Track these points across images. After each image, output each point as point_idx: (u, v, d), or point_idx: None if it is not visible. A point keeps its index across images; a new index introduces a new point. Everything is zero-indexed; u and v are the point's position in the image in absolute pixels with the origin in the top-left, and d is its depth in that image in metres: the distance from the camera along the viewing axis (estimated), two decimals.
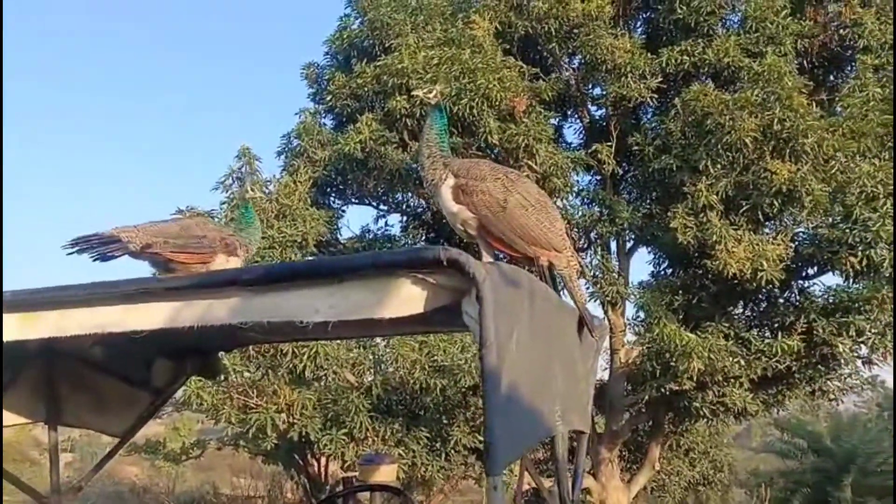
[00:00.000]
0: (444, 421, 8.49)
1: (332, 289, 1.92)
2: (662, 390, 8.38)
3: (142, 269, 2.67)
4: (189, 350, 3.23)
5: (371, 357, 8.92)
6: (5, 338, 2.17)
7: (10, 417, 2.80)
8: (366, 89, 8.75)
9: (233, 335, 3.12)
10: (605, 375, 9.37)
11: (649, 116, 9.50)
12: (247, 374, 8.17)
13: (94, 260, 2.35)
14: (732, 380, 8.03)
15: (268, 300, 1.97)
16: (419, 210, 10.02)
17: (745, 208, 7.68)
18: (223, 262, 2.56)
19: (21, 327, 2.18)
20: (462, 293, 1.84)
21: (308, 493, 11.51)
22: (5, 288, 2.22)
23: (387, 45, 8.73)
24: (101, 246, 2.34)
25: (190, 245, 2.49)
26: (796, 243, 7.90)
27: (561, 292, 2.92)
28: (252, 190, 3.31)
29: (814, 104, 7.81)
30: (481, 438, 8.38)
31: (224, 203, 8.72)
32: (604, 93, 9.11)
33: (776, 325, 8.33)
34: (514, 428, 1.82)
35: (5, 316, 2.17)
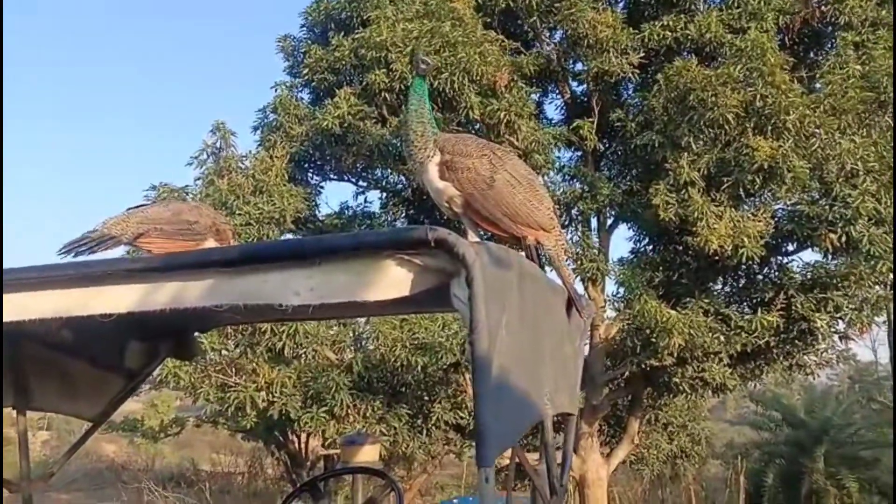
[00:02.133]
0: (426, 398, 8.48)
1: (313, 270, 1.82)
2: (642, 366, 8.43)
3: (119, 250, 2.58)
4: (163, 331, 3.13)
5: (351, 334, 8.86)
6: None
7: None
8: (344, 63, 8.55)
9: (209, 316, 3.02)
10: (587, 350, 9.40)
11: (631, 92, 9.42)
12: (225, 353, 8.08)
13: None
14: (712, 355, 8.09)
15: (244, 282, 1.87)
16: (399, 186, 9.90)
17: (726, 185, 7.66)
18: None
19: None
20: (450, 275, 1.76)
21: (289, 470, 11.49)
22: None
23: (365, 17, 8.51)
24: (96, 246, 2.31)
25: (181, 231, 2.43)
26: (776, 220, 7.92)
27: (547, 272, 2.86)
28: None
29: (795, 81, 7.78)
30: (462, 415, 8.39)
31: (199, 179, 8.54)
32: (585, 68, 9.00)
33: (755, 302, 8.40)
34: (505, 416, 1.76)
35: None
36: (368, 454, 4.07)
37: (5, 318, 2.02)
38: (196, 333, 3.60)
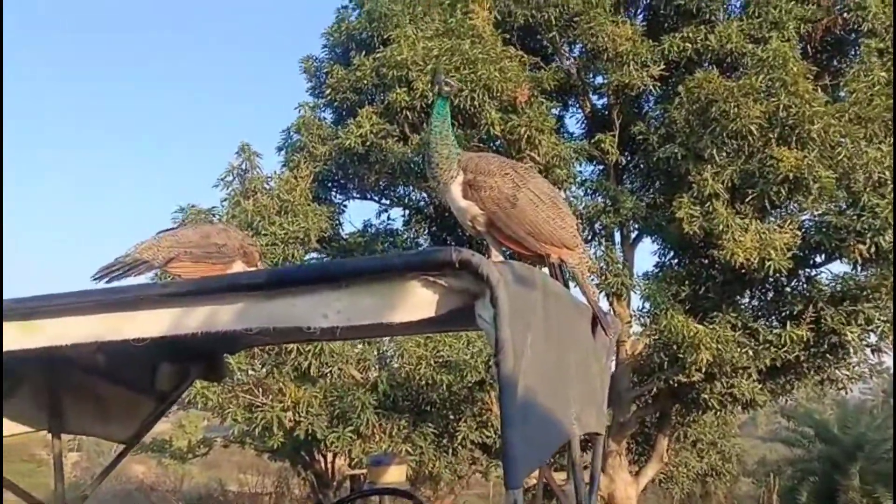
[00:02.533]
0: (451, 416, 8.44)
1: (340, 293, 1.84)
2: (670, 382, 8.33)
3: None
4: (193, 354, 3.16)
5: (376, 353, 8.88)
6: (7, 347, 2.11)
7: (12, 426, 2.74)
8: (365, 82, 8.65)
9: (238, 338, 3.05)
10: (612, 366, 9.31)
11: (652, 105, 9.40)
12: (252, 373, 8.13)
13: None
14: (741, 370, 7.97)
15: (274, 305, 1.90)
16: (421, 204, 9.96)
17: (751, 196, 7.59)
18: (241, 270, 2.53)
19: (19, 336, 2.11)
20: (475, 296, 1.76)
21: (315, 490, 11.49)
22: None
23: (385, 36, 8.63)
24: (129, 270, 2.35)
25: (210, 254, 2.47)
26: (803, 231, 7.82)
27: (571, 289, 2.85)
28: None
29: (818, 90, 7.71)
30: (488, 434, 8.34)
31: (225, 200, 8.65)
32: (605, 81, 9.02)
33: (784, 315, 8.27)
34: (533, 437, 1.75)
35: (5, 324, 2.11)
36: (395, 475, 4.07)
37: (40, 344, 2.06)
38: (224, 355, 3.64)
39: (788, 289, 8.46)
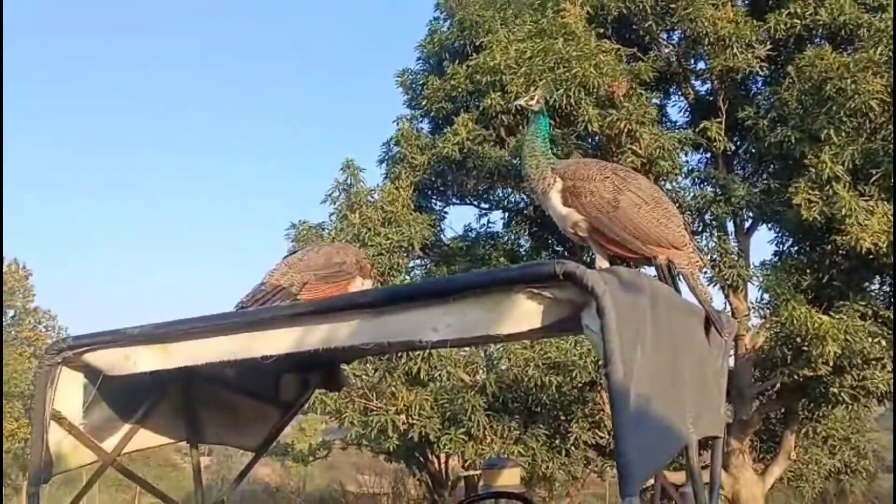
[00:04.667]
0: (562, 418, 8.39)
1: (449, 307, 1.91)
2: (795, 376, 7.89)
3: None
4: (313, 365, 3.35)
5: (483, 355, 8.95)
6: (146, 368, 2.33)
7: (154, 439, 3.00)
8: (460, 90, 8.76)
9: (354, 350, 3.20)
10: (731, 362, 8.93)
11: (760, 87, 8.96)
12: (365, 378, 8.41)
13: None
14: (873, 361, 7.45)
15: (387, 321, 2.00)
16: (521, 205, 9.94)
17: (875, 177, 7.09)
18: (359, 285, 2.77)
19: (158, 358, 2.32)
20: (580, 306, 1.78)
21: (430, 490, 11.73)
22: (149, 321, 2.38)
23: (477, 43, 8.70)
24: (271, 297, 2.63)
25: (334, 274, 2.73)
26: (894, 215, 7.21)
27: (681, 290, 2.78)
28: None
29: None
30: (601, 434, 8.22)
31: (332, 214, 9.00)
32: (708, 66, 8.67)
33: None
34: (647, 444, 1.74)
35: (144, 347, 2.32)
36: (509, 478, 4.11)
37: (181, 363, 2.27)
38: (341, 365, 3.81)
39: None
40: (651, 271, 2.60)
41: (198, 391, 3.08)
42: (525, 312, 1.83)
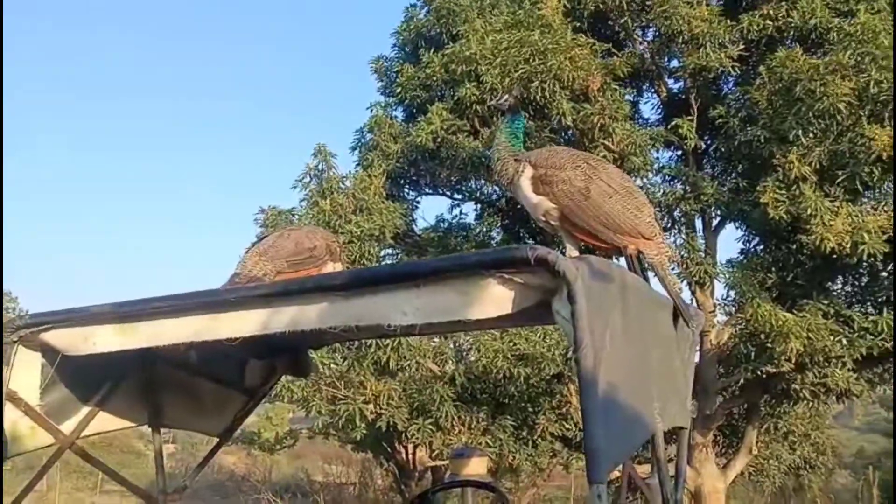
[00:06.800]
0: (530, 409, 8.43)
1: (419, 291, 1.89)
2: (758, 373, 8.04)
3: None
4: (279, 350, 3.30)
5: (452, 346, 8.95)
6: (106, 349, 2.26)
7: (114, 422, 2.94)
8: (435, 79, 8.69)
9: (321, 335, 3.16)
10: (697, 357, 9.06)
11: (732, 86, 9.05)
12: (334, 366, 8.34)
13: None
14: (834, 360, 7.60)
15: (356, 304, 1.97)
16: (493, 197, 9.94)
17: (841, 178, 7.21)
18: (330, 269, 2.77)
19: (118, 338, 2.26)
20: (552, 292, 1.77)
21: (397, 480, 11.73)
22: (105, 300, 2.31)
23: (454, 32, 8.65)
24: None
25: (305, 260, 2.73)
26: (894, 215, 7.37)
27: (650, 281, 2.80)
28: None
29: None
30: (568, 426, 8.28)
31: (303, 200, 8.90)
32: (681, 65, 8.74)
33: (880, 301, 7.84)
34: (615, 432, 1.74)
35: (104, 327, 2.26)
36: (476, 467, 4.10)
37: (144, 344, 2.21)
38: (308, 351, 3.77)
39: (884, 273, 8.00)
40: (622, 262, 2.61)
41: (160, 374, 3.02)
42: (496, 298, 1.81)
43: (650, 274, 2.62)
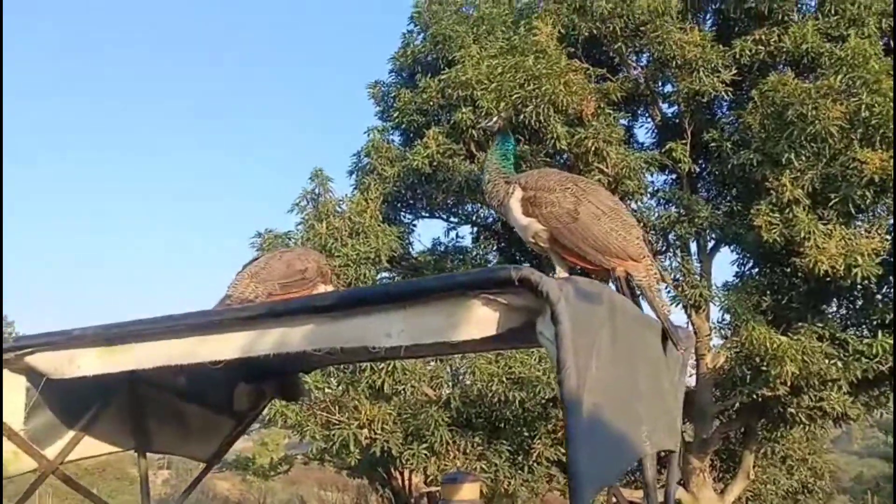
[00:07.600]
0: (526, 433, 8.36)
1: (404, 312, 1.87)
2: (754, 396, 7.99)
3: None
4: (268, 373, 3.26)
5: (448, 370, 8.90)
6: (91, 372, 2.24)
7: (100, 447, 2.89)
8: (431, 104, 8.78)
9: (308, 358, 3.13)
10: (692, 382, 9.01)
11: (725, 111, 9.14)
12: (328, 391, 8.30)
13: None
14: (830, 383, 7.57)
15: (340, 326, 1.95)
16: (489, 220, 9.97)
17: (834, 201, 7.25)
18: (322, 290, 2.73)
19: (103, 361, 2.24)
20: (536, 312, 1.76)
21: None
22: (92, 323, 2.29)
23: (450, 57, 8.74)
24: None
25: (296, 282, 2.70)
26: (893, 235, 7.39)
27: (641, 304, 2.79)
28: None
29: None
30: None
31: (300, 224, 8.91)
32: (675, 89, 8.82)
33: (875, 324, 7.82)
34: (600, 455, 1.72)
35: (89, 350, 2.24)
36: (469, 492, 4.04)
37: (129, 367, 2.18)
38: (300, 375, 3.73)
39: (879, 296, 8.00)
40: (612, 285, 2.60)
41: (147, 398, 2.98)
42: (480, 319, 1.80)
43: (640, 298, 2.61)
